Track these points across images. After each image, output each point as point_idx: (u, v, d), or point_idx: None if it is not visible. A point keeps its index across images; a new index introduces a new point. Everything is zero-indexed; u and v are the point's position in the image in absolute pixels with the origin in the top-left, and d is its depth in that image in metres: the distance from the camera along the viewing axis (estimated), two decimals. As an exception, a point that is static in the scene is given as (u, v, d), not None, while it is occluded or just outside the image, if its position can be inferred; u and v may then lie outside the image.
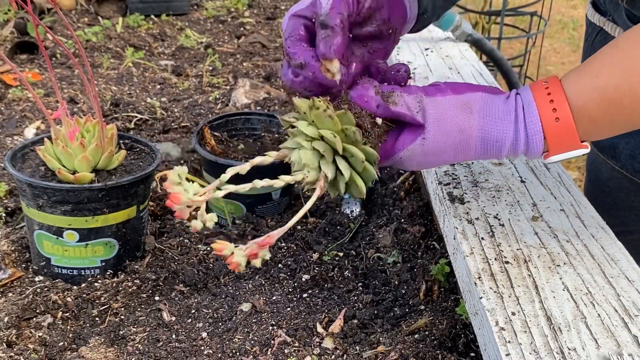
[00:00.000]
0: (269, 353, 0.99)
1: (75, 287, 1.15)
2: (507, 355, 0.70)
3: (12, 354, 0.99)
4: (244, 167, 0.83)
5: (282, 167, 0.96)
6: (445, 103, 0.79)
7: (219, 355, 0.99)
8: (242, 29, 2.87)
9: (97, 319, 1.10)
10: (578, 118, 0.77)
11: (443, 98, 0.79)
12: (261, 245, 0.76)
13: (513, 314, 0.76)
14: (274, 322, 1.06)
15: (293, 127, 0.82)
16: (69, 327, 1.07)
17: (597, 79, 0.76)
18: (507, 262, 0.86)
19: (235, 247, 0.76)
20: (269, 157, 0.81)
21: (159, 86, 2.19)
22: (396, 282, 1.17)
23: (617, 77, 0.75)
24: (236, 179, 0.91)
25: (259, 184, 0.80)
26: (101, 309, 1.11)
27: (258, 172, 1.36)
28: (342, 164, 0.79)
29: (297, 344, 1.01)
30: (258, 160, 0.81)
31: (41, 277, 1.17)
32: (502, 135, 0.79)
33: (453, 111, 0.78)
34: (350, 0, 0.77)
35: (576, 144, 0.78)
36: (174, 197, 0.79)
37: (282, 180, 0.80)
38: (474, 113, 0.78)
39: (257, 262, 0.75)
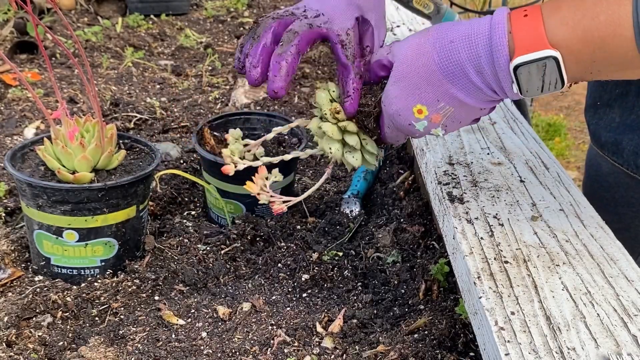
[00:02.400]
0: (268, 353, 0.99)
1: (74, 287, 1.15)
2: (506, 354, 0.71)
3: (11, 353, 0.99)
4: (285, 128, 1.02)
5: (282, 170, 0.97)
6: (408, 38, 0.85)
7: (219, 355, 0.99)
8: (241, 28, 2.87)
9: (96, 318, 1.10)
10: (548, 17, 0.74)
11: (409, 37, 0.86)
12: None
13: (512, 313, 0.77)
14: (273, 322, 1.06)
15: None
16: (68, 327, 1.08)
17: None
18: (506, 262, 0.86)
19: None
20: (298, 122, 0.99)
21: (158, 86, 2.19)
22: (396, 282, 1.17)
23: None
24: (235, 179, 0.98)
25: (287, 157, 1.00)
26: (101, 308, 1.12)
27: (255, 172, 1.36)
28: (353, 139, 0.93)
29: (296, 344, 1.01)
30: (296, 123, 0.99)
31: (41, 277, 1.17)
32: (457, 34, 0.79)
33: (413, 38, 0.84)
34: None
35: (543, 43, 0.73)
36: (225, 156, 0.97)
37: (306, 153, 1.01)
38: (429, 32, 0.83)
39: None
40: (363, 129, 0.92)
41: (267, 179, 0.95)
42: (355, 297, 1.14)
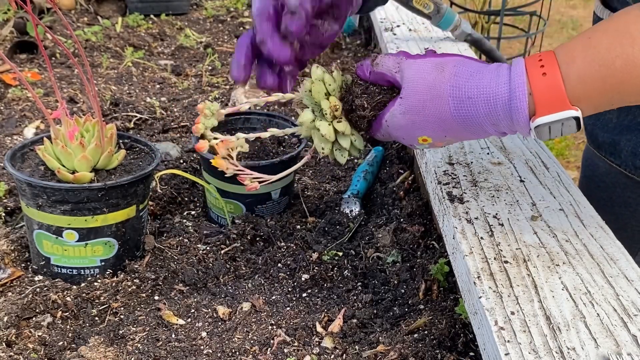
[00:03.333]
0: (268, 352, 0.99)
1: (74, 287, 1.15)
2: (506, 354, 0.71)
3: (11, 353, 0.99)
4: (281, 132, 0.98)
5: (281, 170, 0.96)
6: (421, 64, 0.82)
7: (219, 354, 0.99)
8: (241, 28, 2.87)
9: (96, 318, 1.10)
10: (567, 75, 0.74)
11: (421, 60, 0.83)
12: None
13: (512, 313, 0.77)
14: (273, 322, 1.07)
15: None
16: (68, 327, 1.07)
17: (590, 40, 0.75)
18: (506, 262, 0.86)
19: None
20: (289, 95, 0.94)
21: (158, 86, 2.19)
22: (395, 282, 1.17)
23: (610, 39, 0.73)
24: (235, 179, 0.95)
25: (275, 131, 0.96)
26: (101, 308, 1.12)
27: (256, 170, 1.35)
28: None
29: (296, 344, 1.01)
30: (274, 98, 0.94)
31: (41, 277, 1.17)
32: (476, 90, 0.77)
33: (427, 71, 0.81)
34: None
35: (564, 103, 0.74)
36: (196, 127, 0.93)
37: (285, 132, 0.97)
38: (445, 71, 0.80)
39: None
40: (354, 127, 0.91)
41: (232, 150, 0.92)
42: (355, 297, 1.14)
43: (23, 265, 1.22)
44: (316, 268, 1.20)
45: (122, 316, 1.10)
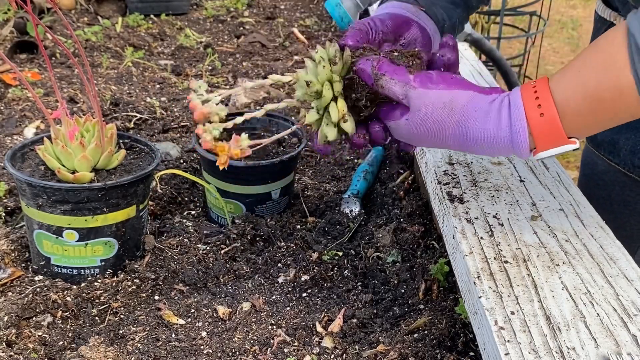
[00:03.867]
0: (268, 352, 0.99)
1: (74, 287, 1.15)
2: (506, 354, 0.71)
3: (11, 353, 0.99)
4: (265, 82, 0.92)
5: (282, 170, 0.97)
6: (430, 96, 0.83)
7: (219, 354, 0.99)
8: (241, 28, 2.87)
9: (96, 318, 1.10)
10: (562, 113, 0.78)
11: (430, 91, 0.83)
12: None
13: (512, 313, 0.77)
14: (273, 322, 1.07)
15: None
16: (68, 327, 1.08)
17: (580, 74, 0.78)
18: (506, 262, 0.86)
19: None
20: (287, 77, 0.90)
21: (158, 86, 2.19)
22: (395, 282, 1.17)
23: (598, 73, 0.77)
24: (235, 179, 0.94)
25: (268, 82, 0.90)
26: (101, 308, 1.12)
27: (255, 172, 1.36)
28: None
29: (296, 344, 1.01)
30: (276, 77, 0.89)
31: (41, 277, 1.17)
32: (480, 133, 0.81)
33: (435, 106, 0.82)
34: (367, 26, 0.91)
35: (562, 139, 0.79)
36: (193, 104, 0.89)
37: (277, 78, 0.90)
38: (454, 111, 0.82)
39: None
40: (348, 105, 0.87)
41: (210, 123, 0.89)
42: (355, 297, 1.14)
43: (23, 265, 1.22)
44: (316, 268, 1.20)
45: (122, 316, 1.10)
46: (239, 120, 0.93)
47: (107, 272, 1.19)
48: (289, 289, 1.17)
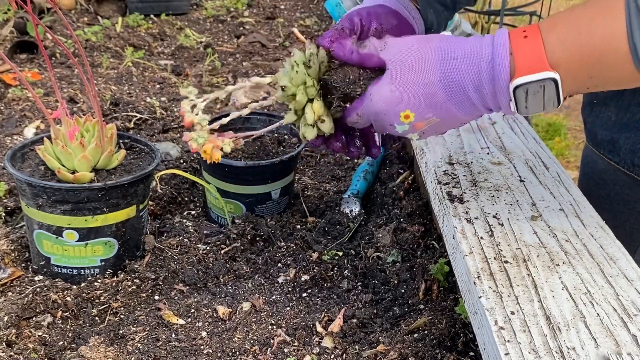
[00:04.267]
0: (268, 352, 0.99)
1: (74, 287, 1.15)
2: (506, 354, 0.71)
3: (11, 353, 0.99)
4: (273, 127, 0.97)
5: (282, 170, 0.97)
6: (407, 39, 0.84)
7: (219, 354, 0.99)
8: (241, 28, 2.87)
9: (96, 318, 1.10)
10: (547, 38, 0.76)
11: (406, 37, 0.85)
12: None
13: (512, 313, 0.77)
14: (273, 322, 1.07)
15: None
16: (68, 327, 1.08)
17: (573, 11, 0.77)
18: (506, 262, 0.86)
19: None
20: (267, 79, 0.92)
21: (158, 86, 2.19)
22: (395, 282, 1.17)
23: (592, 10, 0.75)
24: (235, 179, 0.94)
25: (249, 84, 0.93)
26: (101, 308, 1.12)
27: (255, 172, 1.36)
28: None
29: (296, 344, 1.01)
30: (256, 80, 0.92)
31: (41, 277, 1.17)
32: (461, 51, 0.80)
33: (413, 43, 0.83)
34: (355, 19, 0.91)
35: (543, 65, 0.76)
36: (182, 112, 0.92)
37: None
38: (431, 41, 0.82)
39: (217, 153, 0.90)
40: (327, 105, 0.89)
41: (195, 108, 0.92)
42: (355, 297, 1.14)
43: (23, 265, 1.22)
44: (316, 268, 1.20)
45: (122, 316, 1.10)
46: (224, 120, 0.94)
47: (107, 272, 1.19)
48: (289, 289, 1.17)
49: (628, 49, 0.72)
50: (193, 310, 1.10)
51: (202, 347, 1.01)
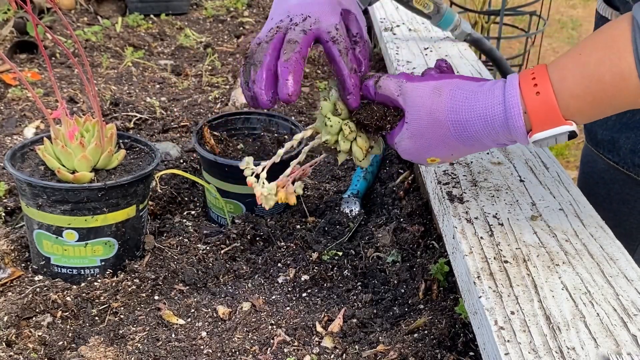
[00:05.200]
0: (268, 352, 0.99)
1: (74, 287, 1.15)
2: (506, 354, 0.71)
3: (11, 353, 0.99)
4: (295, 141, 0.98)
5: (282, 170, 0.96)
6: (420, 88, 0.85)
7: (219, 354, 0.99)
8: (241, 28, 2.87)
9: (96, 318, 1.10)
10: (559, 92, 0.77)
11: (420, 83, 0.85)
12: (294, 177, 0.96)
13: (512, 313, 0.77)
14: (273, 322, 1.07)
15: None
16: (68, 327, 1.08)
17: (580, 57, 0.78)
18: (506, 262, 0.86)
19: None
20: (308, 131, 0.96)
21: (158, 86, 2.19)
22: (395, 282, 1.17)
23: (599, 54, 0.76)
24: (235, 179, 0.96)
25: (295, 138, 0.96)
26: (101, 308, 1.12)
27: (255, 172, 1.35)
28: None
29: (296, 343, 1.01)
30: (299, 136, 0.96)
31: (41, 277, 1.17)
32: (473, 113, 0.81)
33: (425, 96, 0.84)
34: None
35: (558, 119, 0.78)
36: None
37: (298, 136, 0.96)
38: (442, 95, 0.83)
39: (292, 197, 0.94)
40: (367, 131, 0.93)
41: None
42: (355, 297, 1.14)
43: (23, 265, 1.22)
44: (316, 268, 1.20)
45: (122, 316, 1.10)
46: (276, 159, 0.97)
47: (107, 272, 1.19)
48: (289, 289, 1.17)
49: (638, 82, 0.74)
50: (193, 310, 1.10)
51: (202, 347, 1.01)
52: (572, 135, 0.80)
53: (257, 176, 0.94)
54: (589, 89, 0.76)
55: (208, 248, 1.28)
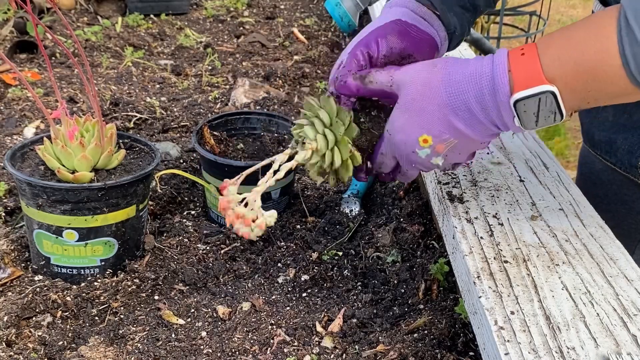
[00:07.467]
0: (268, 352, 0.99)
1: (74, 287, 1.15)
2: (506, 354, 0.71)
3: (11, 353, 0.99)
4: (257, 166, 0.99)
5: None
6: (412, 67, 0.88)
7: (219, 354, 1.00)
8: (241, 28, 2.87)
9: (96, 318, 1.10)
10: (543, 54, 0.80)
11: (411, 65, 0.88)
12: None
13: (512, 313, 0.77)
14: (273, 322, 1.07)
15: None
16: (68, 327, 1.08)
17: (567, 30, 0.81)
18: (506, 262, 0.86)
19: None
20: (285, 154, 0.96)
21: (158, 85, 2.19)
22: (395, 282, 1.17)
23: (585, 31, 0.78)
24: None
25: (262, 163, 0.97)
26: (101, 308, 1.12)
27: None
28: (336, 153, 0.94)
29: (296, 343, 1.01)
30: (302, 157, 0.95)
31: (41, 277, 1.17)
32: (463, 73, 0.83)
33: (420, 69, 0.87)
34: (360, 57, 0.92)
35: (540, 79, 0.79)
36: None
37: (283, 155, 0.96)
38: (436, 66, 0.86)
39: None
40: (359, 150, 0.94)
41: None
42: (355, 297, 1.14)
43: (23, 265, 1.22)
44: (316, 268, 1.20)
45: (122, 316, 1.10)
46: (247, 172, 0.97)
47: (107, 272, 1.19)
48: (289, 289, 1.17)
49: (621, 63, 0.75)
50: (193, 310, 1.10)
51: (202, 347, 1.01)
52: (556, 104, 0.80)
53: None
54: (572, 57, 0.78)
55: (208, 248, 1.28)
